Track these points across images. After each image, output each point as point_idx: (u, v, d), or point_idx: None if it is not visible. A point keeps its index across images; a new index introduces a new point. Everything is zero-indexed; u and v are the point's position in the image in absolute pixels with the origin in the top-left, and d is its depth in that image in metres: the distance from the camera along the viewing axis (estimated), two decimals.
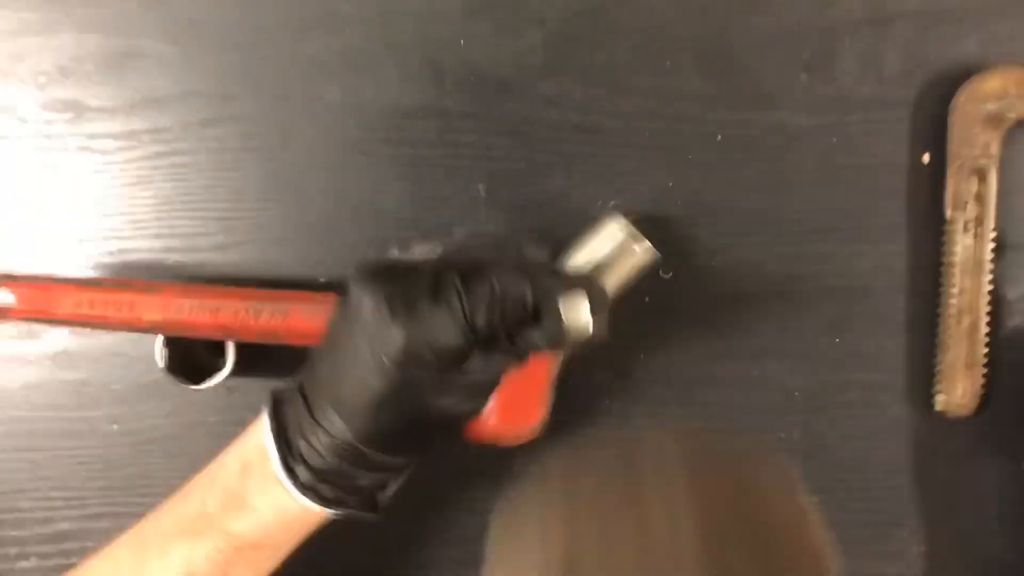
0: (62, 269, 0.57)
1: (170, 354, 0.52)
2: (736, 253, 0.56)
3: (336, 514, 0.45)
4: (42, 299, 0.49)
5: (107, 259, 0.57)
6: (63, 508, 0.58)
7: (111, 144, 0.57)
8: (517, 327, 0.42)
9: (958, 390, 0.54)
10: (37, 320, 0.50)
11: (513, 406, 0.47)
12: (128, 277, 0.56)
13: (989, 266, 0.54)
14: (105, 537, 0.57)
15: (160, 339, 0.53)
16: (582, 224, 0.56)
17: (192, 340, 0.53)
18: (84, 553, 0.57)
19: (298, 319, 0.49)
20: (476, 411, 0.45)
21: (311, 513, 0.45)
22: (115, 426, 0.58)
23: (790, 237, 0.56)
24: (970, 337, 0.54)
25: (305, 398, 0.44)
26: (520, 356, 0.43)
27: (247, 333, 0.50)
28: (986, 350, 0.54)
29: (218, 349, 0.53)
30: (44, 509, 0.58)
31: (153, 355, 0.53)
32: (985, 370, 0.54)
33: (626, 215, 0.52)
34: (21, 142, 0.57)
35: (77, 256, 0.57)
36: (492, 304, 0.40)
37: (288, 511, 0.44)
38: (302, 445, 0.43)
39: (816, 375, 0.56)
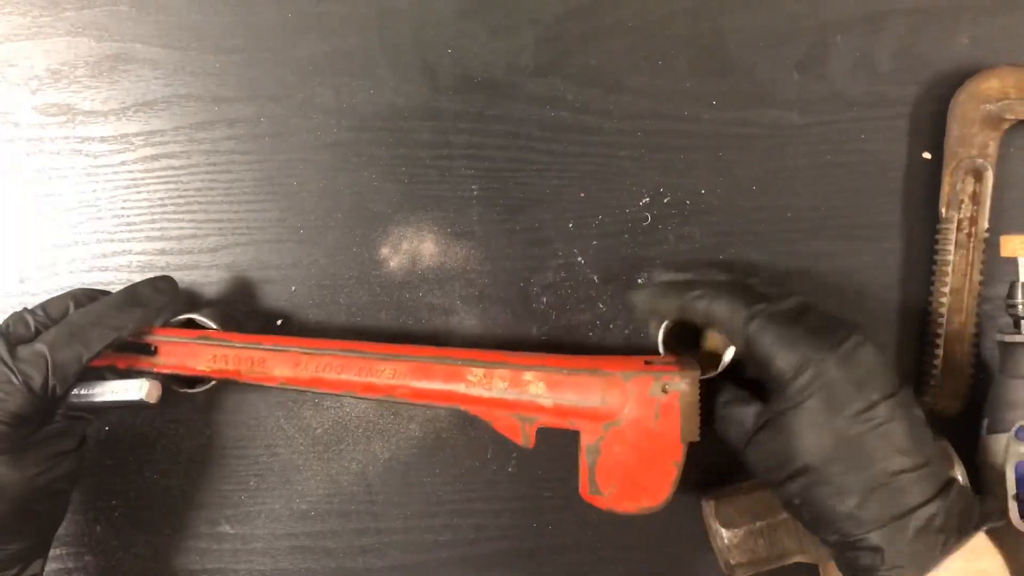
0: (57, 271, 0.57)
1: None
2: (729, 251, 0.56)
3: None
4: (183, 353, 0.51)
5: (100, 262, 0.57)
6: None
7: (103, 147, 0.57)
8: None
9: (946, 390, 0.54)
10: (176, 374, 0.51)
11: (639, 483, 0.47)
12: (125, 280, 0.57)
13: (981, 266, 0.53)
14: (99, 542, 0.57)
15: None
16: (576, 226, 0.56)
17: None
18: (78, 558, 0.57)
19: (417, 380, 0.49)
20: None
21: None
22: (107, 428, 0.57)
23: (783, 235, 0.56)
24: (960, 337, 0.54)
25: None
26: None
27: (372, 391, 0.50)
28: (975, 350, 0.54)
29: None
30: None
31: None
32: (973, 370, 0.54)
33: None
34: (13, 146, 0.57)
35: (71, 259, 0.57)
36: None
37: None
38: None
39: None
